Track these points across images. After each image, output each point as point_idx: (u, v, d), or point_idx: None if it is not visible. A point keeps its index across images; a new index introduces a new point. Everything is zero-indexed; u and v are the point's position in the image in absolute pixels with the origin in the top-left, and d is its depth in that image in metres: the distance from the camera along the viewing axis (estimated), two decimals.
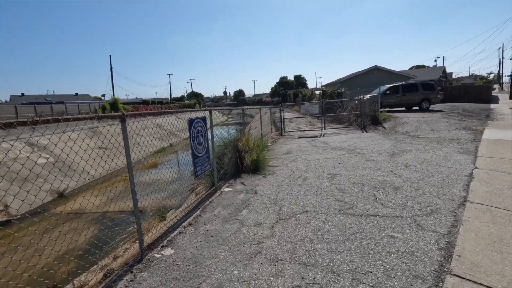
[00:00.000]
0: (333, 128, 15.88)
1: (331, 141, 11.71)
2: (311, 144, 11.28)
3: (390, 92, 18.65)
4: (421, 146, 8.91)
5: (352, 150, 9.10)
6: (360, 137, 12.23)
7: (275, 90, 68.79)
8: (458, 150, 7.85)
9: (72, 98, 40.07)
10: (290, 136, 14.49)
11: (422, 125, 12.82)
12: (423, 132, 11.50)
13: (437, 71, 35.34)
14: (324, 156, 8.46)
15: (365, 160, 7.47)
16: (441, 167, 6.21)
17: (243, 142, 7.52)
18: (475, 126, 11.88)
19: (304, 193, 5.19)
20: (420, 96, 18.29)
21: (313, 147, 10.39)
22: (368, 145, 9.94)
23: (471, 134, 10.30)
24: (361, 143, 10.41)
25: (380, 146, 9.45)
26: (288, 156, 8.97)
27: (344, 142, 11.12)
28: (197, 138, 4.86)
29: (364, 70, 26.55)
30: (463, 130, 11.18)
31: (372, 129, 14.24)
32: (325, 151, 9.34)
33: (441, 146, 8.64)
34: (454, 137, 9.84)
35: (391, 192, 4.84)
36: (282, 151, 10.18)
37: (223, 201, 5.14)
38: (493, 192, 4.51)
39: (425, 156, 7.37)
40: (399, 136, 11.25)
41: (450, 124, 12.48)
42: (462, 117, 14.78)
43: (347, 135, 13.05)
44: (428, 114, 15.75)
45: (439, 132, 11.14)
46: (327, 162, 7.60)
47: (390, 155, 7.87)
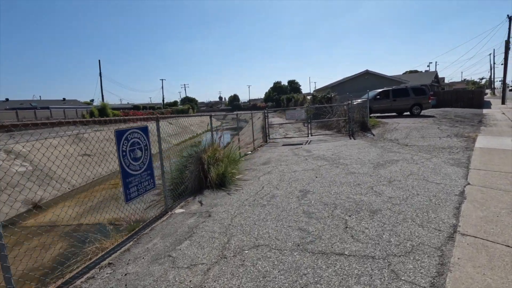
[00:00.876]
0: (320, 135, 15.05)
1: (315, 149, 10.86)
2: (293, 152, 10.41)
3: (380, 97, 17.89)
4: (409, 155, 8.08)
5: (335, 160, 8.24)
6: (346, 144, 11.39)
7: (268, 95, 68.15)
8: (449, 161, 7.02)
9: (59, 104, 39.01)
10: (274, 144, 13.63)
11: (412, 131, 12.02)
12: (413, 139, 10.68)
13: (429, 76, 34.78)
14: (303, 168, 7.59)
15: (346, 173, 6.60)
16: (428, 182, 5.35)
17: (209, 153, 6.64)
18: (468, 133, 11.10)
19: (264, 217, 4.29)
20: (411, 101, 17.55)
21: (295, 156, 9.52)
22: (353, 154, 9.10)
23: (463, 141, 9.50)
24: (346, 152, 9.56)
25: (365, 156, 8.60)
26: (264, 167, 8.09)
27: (328, 150, 10.27)
28: (131, 152, 3.96)
29: (355, 74, 25.86)
30: (455, 137, 10.39)
31: (361, 135, 13.42)
32: (305, 161, 8.48)
33: (431, 156, 7.80)
34: (445, 145, 9.03)
35: (366, 217, 3.96)
36: (260, 161, 9.30)
37: (166, 228, 4.24)
38: (489, 219, 3.65)
39: (412, 168, 6.52)
40: (387, 144, 10.43)
41: (441, 131, 11.69)
42: (454, 123, 14.03)
43: (333, 143, 12.21)
44: (419, 120, 14.99)
45: (430, 139, 10.33)
46: (304, 175, 6.73)
47: (374, 167, 7.02)
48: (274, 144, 13.32)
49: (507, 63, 32.10)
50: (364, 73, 25.95)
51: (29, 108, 27.42)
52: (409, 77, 33.68)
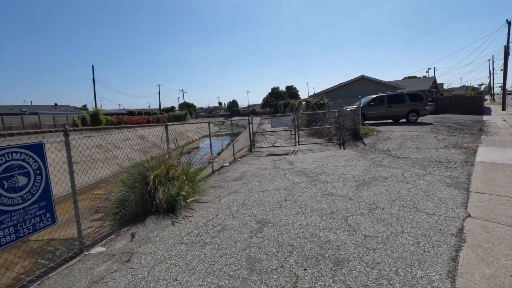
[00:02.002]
0: (309, 144, 13.92)
1: (299, 161, 9.74)
2: (274, 164, 9.29)
3: (374, 104, 16.78)
4: (400, 171, 6.94)
5: (315, 176, 7.12)
6: (334, 155, 10.27)
7: (266, 101, 67.11)
8: (445, 179, 5.87)
9: (50, 109, 38.09)
10: (259, 153, 12.51)
11: (406, 141, 10.88)
12: (406, 150, 9.54)
13: (428, 81, 33.67)
14: (276, 186, 6.46)
15: (322, 195, 5.47)
16: (418, 212, 4.21)
17: (159, 171, 5.52)
18: (467, 143, 9.95)
19: (194, 267, 3.16)
20: (407, 107, 16.42)
21: (273, 170, 8.40)
22: (338, 167, 7.97)
23: (462, 154, 8.36)
24: (331, 165, 8.44)
25: (351, 170, 7.48)
26: (233, 185, 6.96)
27: (313, 162, 9.14)
28: (5, 180, 2.86)
29: (350, 80, 24.78)
30: (453, 148, 9.24)
31: (352, 145, 12.29)
32: (283, 177, 7.35)
33: (425, 172, 6.66)
34: (442, 159, 7.88)
35: (326, 273, 2.82)
36: (233, 175, 8.18)
37: (61, 282, 3.11)
38: (499, 282, 2.51)
39: (400, 190, 5.38)
40: (377, 156, 9.29)
41: (439, 141, 10.55)
42: (452, 131, 12.88)
43: (320, 153, 11.09)
44: (415, 128, 13.86)
45: (425, 150, 9.19)
46: (273, 197, 5.60)
47: (358, 186, 5.88)
48: (258, 154, 12.20)
49: (507, 68, 31.00)
50: (360, 78, 24.87)
51: (17, 114, 26.47)
52: (406, 83, 32.59)
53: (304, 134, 19.00)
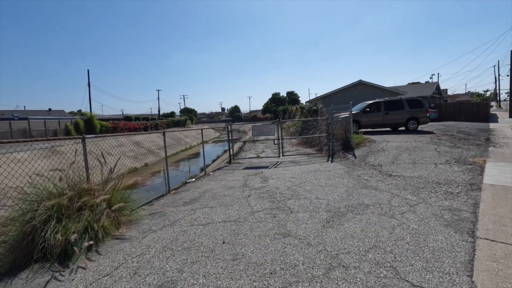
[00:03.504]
0: (296, 155, 12.44)
1: (275, 176, 8.29)
2: (244, 182, 7.85)
3: (370, 110, 15.24)
4: (388, 196, 5.45)
5: (282, 202, 5.66)
6: (318, 170, 8.79)
7: (266, 107, 65.64)
8: (443, 214, 4.35)
9: (43, 114, 37.32)
10: (237, 166, 11.08)
11: (402, 154, 9.35)
12: (401, 165, 8.02)
13: (430, 87, 31.94)
14: (226, 216, 5.01)
15: (275, 234, 4.01)
16: (397, 280, 2.74)
17: (61, 199, 4.13)
18: (473, 157, 8.39)
19: None
20: (406, 114, 14.85)
21: (239, 190, 6.96)
22: (316, 188, 6.50)
23: (466, 172, 6.82)
24: (309, 184, 6.98)
25: (328, 193, 6.01)
26: (179, 212, 5.53)
27: (290, 179, 7.69)
28: None
29: (348, 85, 23.25)
30: (456, 164, 7.70)
31: (341, 157, 10.79)
32: (244, 201, 5.91)
33: (418, 199, 5.15)
34: (441, 179, 6.35)
35: None
36: (190, 195, 6.75)
37: None
38: None
39: (381, 231, 3.89)
40: (366, 172, 7.80)
41: (439, 154, 9.00)
42: (456, 141, 11.29)
43: (304, 167, 9.62)
44: (415, 137, 12.29)
45: (422, 166, 7.66)
46: (211, 236, 4.15)
47: (327, 221, 4.41)
48: (236, 167, 10.77)
49: None
50: (357, 84, 23.32)
51: (6, 119, 25.55)
52: (408, 89, 30.91)
53: (296, 142, 17.54)
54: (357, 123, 14.85)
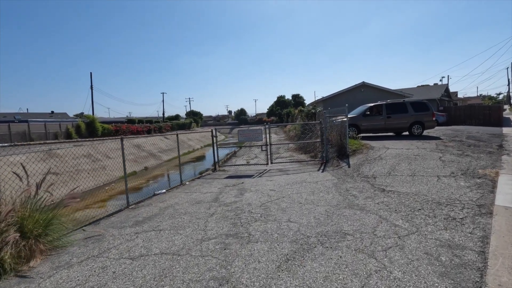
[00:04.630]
0: (287, 162, 11.35)
1: (255, 188, 7.27)
2: (217, 195, 6.85)
3: (370, 114, 14.03)
4: (374, 221, 4.35)
5: (247, 224, 4.64)
6: (305, 181, 7.73)
7: (271, 110, 64.53)
8: (440, 255, 3.22)
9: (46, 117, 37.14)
10: (220, 174, 10.08)
11: (401, 163, 8.18)
12: (397, 178, 6.87)
13: (439, 89, 30.26)
14: (168, 245, 4.01)
15: (210, 280, 2.98)
16: None
17: None
18: (483, 168, 7.18)
19: None
20: (410, 118, 13.58)
21: (205, 205, 5.96)
22: (292, 206, 5.45)
23: (475, 188, 5.64)
24: (287, 199, 5.93)
25: (305, 213, 4.95)
26: (119, 236, 4.55)
27: (270, 192, 6.66)
28: None
29: (351, 87, 22.00)
30: (463, 176, 6.51)
31: (334, 165, 9.67)
32: (202, 221, 4.91)
33: (410, 227, 4.03)
34: (443, 198, 5.20)
35: None
36: (148, 212, 5.78)
37: None
38: None
39: (351, 280, 2.79)
40: (356, 186, 6.68)
41: (444, 163, 7.80)
42: (464, 148, 10.02)
43: (291, 176, 8.56)
44: (418, 144, 11.06)
45: (422, 180, 6.50)
46: (132, 278, 3.15)
47: (289, 257, 3.36)
48: (218, 175, 9.77)
49: None
50: (360, 85, 22.05)
51: (5, 122, 25.28)
52: (415, 91, 29.37)
53: (293, 147, 16.46)
54: (356, 127, 13.67)
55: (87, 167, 20.12)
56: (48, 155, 19.71)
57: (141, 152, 28.44)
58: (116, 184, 17.93)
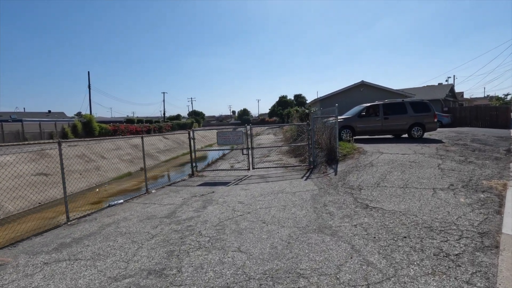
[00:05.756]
0: (271, 167, 10.32)
1: (224, 200, 6.28)
2: (177, 207, 5.87)
3: (366, 114, 12.89)
4: (343, 254, 3.32)
5: (185, 253, 3.65)
6: (283, 191, 6.71)
7: (273, 110, 63.41)
8: None
9: (43, 116, 36.66)
10: (196, 180, 9.10)
11: (393, 171, 7.09)
12: (386, 190, 5.80)
13: (444, 89, 28.80)
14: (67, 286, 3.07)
15: None
16: None
17: None
18: (488, 179, 6.06)
19: None
20: (409, 120, 12.41)
21: (155, 222, 4.99)
22: (253, 226, 4.45)
23: (477, 207, 4.55)
24: (252, 216, 4.94)
25: (263, 238, 3.95)
26: (29, 264, 3.60)
27: (237, 206, 5.67)
28: None
29: (349, 86, 20.81)
30: (463, 190, 5.41)
31: (321, 172, 8.62)
32: (134, 248, 3.94)
33: (387, 267, 2.98)
34: (436, 220, 4.13)
35: None
36: (86, 231, 4.83)
37: None
38: None
39: None
40: (337, 199, 5.64)
41: (443, 173, 6.69)
42: (468, 154, 8.87)
43: (271, 185, 7.55)
44: (417, 148, 9.93)
45: (415, 194, 5.42)
46: None
47: None
48: (192, 182, 8.80)
49: None
50: (360, 85, 20.84)
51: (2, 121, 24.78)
52: (419, 91, 27.98)
53: (286, 150, 15.40)
54: (351, 129, 12.57)
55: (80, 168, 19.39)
56: (39, 155, 19.01)
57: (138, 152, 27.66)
58: (109, 186, 17.15)
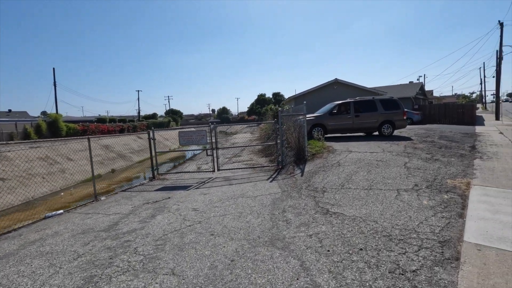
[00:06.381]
0: (237, 168, 9.81)
1: (177, 207, 5.69)
2: (122, 217, 5.21)
3: (337, 112, 12.68)
4: (290, 273, 2.86)
5: (109, 279, 3.05)
6: (243, 195, 6.22)
7: (251, 108, 63.06)
8: None
9: (2, 116, 34.07)
10: (155, 184, 8.41)
11: (359, 171, 6.79)
12: (350, 192, 5.45)
13: (414, 88, 29.58)
14: None
15: None
16: None
17: None
18: (453, 178, 5.88)
19: None
20: (380, 117, 12.33)
21: (89, 237, 4.33)
22: (197, 240, 3.91)
23: (440, 210, 4.27)
24: (202, 227, 4.40)
25: (206, 255, 3.42)
26: None
27: (190, 214, 5.10)
28: None
29: (323, 84, 20.70)
30: (427, 191, 5.16)
31: (288, 172, 8.22)
32: (47, 275, 3.29)
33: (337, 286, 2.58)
34: (396, 228, 3.78)
35: None
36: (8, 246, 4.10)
37: None
38: None
39: None
40: (298, 204, 5.22)
41: (409, 171, 6.46)
42: (435, 151, 8.80)
43: (233, 187, 7.04)
44: (385, 146, 9.78)
45: (378, 196, 5.10)
46: None
47: None
48: (149, 187, 8.11)
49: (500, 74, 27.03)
50: (333, 82, 20.78)
51: None
52: (391, 89, 28.52)
53: (259, 149, 14.94)
54: (322, 127, 12.31)
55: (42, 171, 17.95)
56: None
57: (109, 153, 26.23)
58: (75, 189, 15.94)
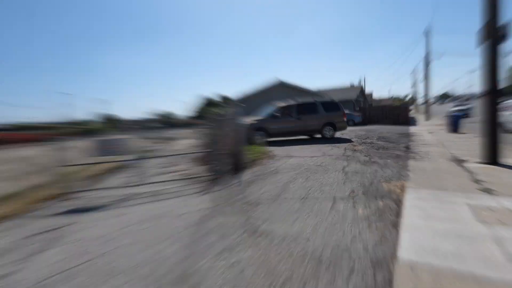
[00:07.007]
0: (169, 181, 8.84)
1: (77, 237, 4.58)
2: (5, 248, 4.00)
3: (280, 115, 12.51)
4: None
5: None
6: (166, 215, 5.35)
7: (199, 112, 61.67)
8: None
9: None
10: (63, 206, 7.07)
11: (298, 178, 6.44)
12: (284, 205, 4.99)
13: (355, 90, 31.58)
14: None
15: None
16: None
17: None
18: (388, 181, 5.82)
19: None
20: (322, 119, 12.45)
21: None
22: (87, 283, 3.00)
23: (374, 221, 3.98)
24: (106, 260, 3.44)
25: None
26: None
27: (90, 246, 4.07)
28: None
29: (267, 86, 20.75)
30: (363, 197, 4.93)
31: (226, 182, 7.55)
32: None
33: None
34: (329, 246, 3.34)
35: None
36: None
37: None
38: None
39: None
40: (225, 223, 4.56)
41: (346, 177, 6.29)
42: (373, 153, 8.96)
43: (156, 205, 6.10)
44: (326, 149, 9.74)
45: (313, 207, 4.70)
46: None
47: None
48: (55, 209, 6.75)
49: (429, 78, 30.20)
50: (277, 85, 20.91)
51: None
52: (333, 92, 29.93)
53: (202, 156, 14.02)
54: (264, 131, 11.96)
55: None
56: None
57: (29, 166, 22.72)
58: None
